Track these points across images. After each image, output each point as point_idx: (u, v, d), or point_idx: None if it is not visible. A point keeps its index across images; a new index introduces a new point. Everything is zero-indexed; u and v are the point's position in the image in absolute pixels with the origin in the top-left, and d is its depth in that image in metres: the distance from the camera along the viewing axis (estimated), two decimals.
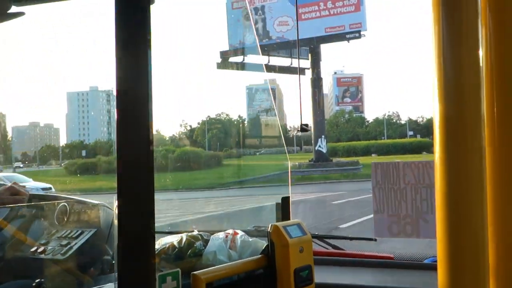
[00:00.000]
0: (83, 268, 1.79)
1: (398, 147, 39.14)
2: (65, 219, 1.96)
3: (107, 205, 1.97)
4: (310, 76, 29.34)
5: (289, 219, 1.60)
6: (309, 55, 29.50)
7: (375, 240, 2.08)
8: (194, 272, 1.18)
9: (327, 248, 2.16)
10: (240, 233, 1.53)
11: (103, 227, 1.87)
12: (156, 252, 1.38)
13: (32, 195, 2.17)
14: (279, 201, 1.60)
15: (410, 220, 2.01)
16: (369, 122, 62.95)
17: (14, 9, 1.61)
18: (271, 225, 1.34)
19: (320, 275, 1.50)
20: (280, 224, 1.34)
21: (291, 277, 1.28)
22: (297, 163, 28.18)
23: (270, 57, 28.98)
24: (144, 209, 1.02)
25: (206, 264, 1.38)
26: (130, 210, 1.02)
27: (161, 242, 1.50)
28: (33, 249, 1.85)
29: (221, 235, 1.52)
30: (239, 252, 1.44)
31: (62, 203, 2.02)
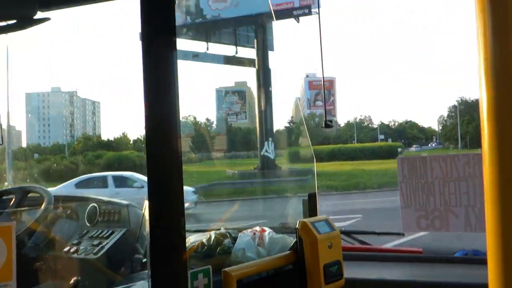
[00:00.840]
0: (114, 267, 1.83)
1: (367, 151, 36.53)
2: (96, 219, 2.00)
3: (135, 205, 2.00)
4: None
5: (316, 215, 1.60)
6: (255, 41, 23.45)
7: (403, 234, 2.07)
8: (225, 269, 1.19)
9: (353, 244, 2.15)
10: (267, 230, 1.54)
11: (133, 226, 1.91)
12: (186, 250, 1.40)
13: (62, 196, 2.22)
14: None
15: (439, 214, 1.99)
16: (341, 126, 61.37)
17: (40, 14, 1.65)
18: (299, 221, 1.34)
19: (349, 271, 1.50)
20: (308, 220, 1.35)
21: (321, 273, 1.29)
22: (236, 171, 24.06)
23: (210, 44, 23.07)
24: (175, 208, 1.04)
25: (235, 261, 1.39)
26: (161, 210, 1.04)
27: (190, 240, 1.52)
28: (66, 249, 1.90)
29: (248, 232, 1.53)
30: (267, 249, 1.45)
31: (92, 204, 2.06)
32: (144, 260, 1.77)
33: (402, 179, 2.04)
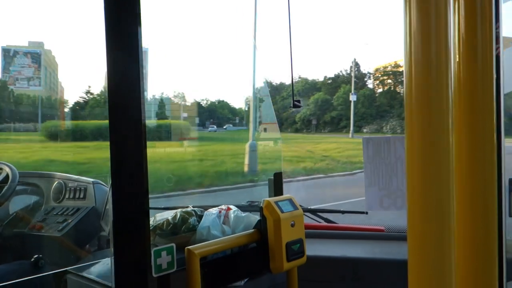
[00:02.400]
0: (80, 244, 1.83)
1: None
2: (62, 196, 1.99)
3: (101, 182, 1.99)
4: None
5: (281, 194, 1.63)
6: None
7: (367, 213, 2.12)
8: (189, 247, 1.21)
9: (319, 222, 2.20)
10: (233, 208, 1.56)
11: (98, 204, 1.90)
12: (151, 228, 1.41)
13: (28, 172, 2.19)
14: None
15: (401, 193, 2.05)
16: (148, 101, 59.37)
17: None
18: (264, 200, 1.37)
19: (312, 248, 1.54)
20: (272, 199, 1.37)
21: (283, 251, 1.32)
22: None
23: None
24: (138, 186, 1.05)
25: (200, 239, 1.41)
26: (124, 188, 1.04)
27: (156, 218, 1.53)
28: (30, 226, 1.88)
29: (214, 210, 1.55)
30: (233, 227, 1.47)
31: (58, 181, 2.04)
32: (109, 237, 1.77)
33: (367, 159, 2.08)
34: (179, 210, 1.54)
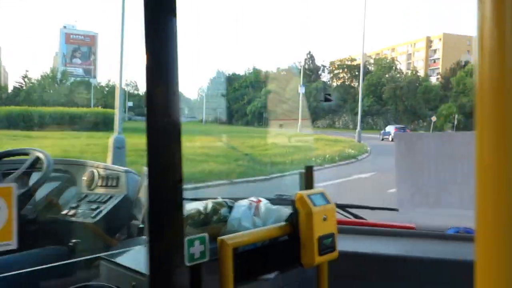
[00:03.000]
0: (111, 232, 1.86)
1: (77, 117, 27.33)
2: (94, 184, 2.02)
3: (133, 171, 2.02)
4: None
5: (312, 187, 1.62)
6: None
7: (397, 210, 2.09)
8: (221, 237, 1.21)
9: (348, 217, 2.18)
10: (263, 200, 1.56)
11: (130, 192, 1.92)
12: (183, 218, 1.42)
13: (60, 160, 2.23)
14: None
15: (433, 191, 2.01)
16: (100, 87, 51.00)
17: None
18: (296, 194, 1.36)
19: (342, 244, 1.53)
20: (304, 192, 1.36)
21: (315, 245, 1.31)
22: None
23: None
24: (173, 176, 1.05)
25: (231, 230, 1.41)
26: (160, 177, 1.05)
27: (187, 208, 1.54)
28: (64, 212, 1.92)
29: (245, 202, 1.55)
30: (263, 219, 1.47)
31: (90, 168, 2.07)
32: (141, 226, 1.80)
33: (399, 155, 2.05)
34: (210, 200, 1.55)
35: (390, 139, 29.35)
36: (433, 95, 49.51)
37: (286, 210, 1.47)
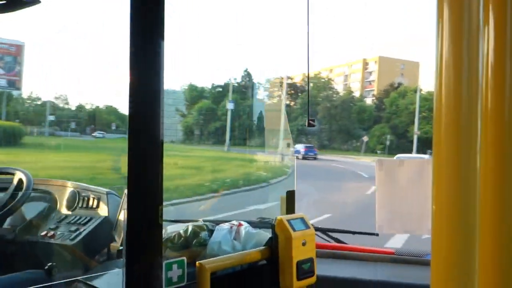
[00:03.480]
0: (90, 254, 1.83)
1: None
2: (75, 205, 2.00)
3: (115, 192, 2.01)
4: None
5: (293, 212, 1.63)
6: None
7: (377, 235, 2.11)
8: (200, 262, 1.21)
9: (329, 241, 2.19)
10: (244, 224, 1.57)
11: (111, 214, 1.91)
12: (163, 241, 1.41)
13: (41, 180, 2.21)
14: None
15: (413, 216, 2.04)
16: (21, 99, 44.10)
17: None
18: (276, 218, 1.37)
19: (322, 268, 1.54)
20: (284, 217, 1.37)
21: (293, 269, 1.32)
22: None
23: None
24: (153, 197, 1.06)
25: (211, 254, 1.41)
26: (139, 198, 1.05)
27: (167, 231, 1.53)
28: (43, 233, 1.89)
29: (226, 225, 1.55)
30: (243, 243, 1.47)
31: (71, 189, 2.06)
32: (120, 248, 1.78)
33: (380, 180, 2.08)
34: (191, 223, 1.55)
35: (301, 157, 28.97)
36: (367, 115, 49.95)
37: (266, 234, 1.47)
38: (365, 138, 41.96)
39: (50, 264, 1.59)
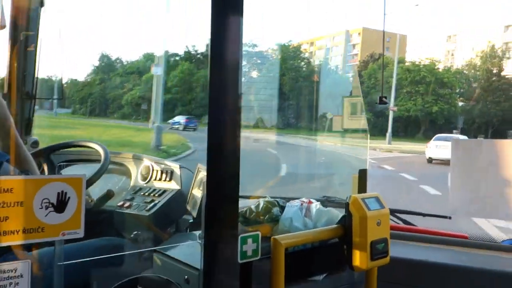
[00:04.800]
0: (164, 225, 1.90)
1: None
2: (149, 177, 2.08)
3: (187, 167, 2.06)
4: None
5: (365, 191, 1.60)
6: None
7: (450, 218, 2.03)
8: (275, 237, 1.22)
9: (398, 223, 2.14)
10: (314, 202, 1.56)
11: (184, 187, 1.96)
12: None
13: (117, 153, 2.31)
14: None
15: (490, 200, 1.94)
16: None
17: None
18: (350, 197, 1.35)
19: (392, 249, 1.50)
20: (359, 196, 1.35)
21: (368, 249, 1.29)
22: None
23: None
24: (230, 173, 1.07)
25: (282, 230, 1.42)
26: (217, 174, 1.07)
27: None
28: (119, 204, 1.98)
29: (296, 202, 1.55)
30: (314, 221, 1.46)
31: (146, 162, 2.13)
32: (191, 221, 1.83)
33: (456, 161, 1.99)
34: (262, 199, 1.56)
35: (182, 128, 27.56)
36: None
37: (337, 213, 1.46)
38: (330, 115, 34.17)
39: (135, 232, 1.67)
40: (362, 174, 1.57)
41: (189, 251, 1.50)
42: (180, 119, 30.64)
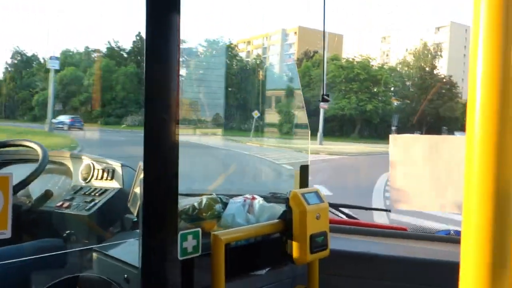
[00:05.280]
0: (105, 225, 1.86)
1: None
2: (90, 176, 2.02)
3: (128, 165, 2.02)
4: None
5: (307, 186, 1.63)
6: None
7: (389, 211, 2.11)
8: (215, 232, 1.22)
9: (341, 217, 2.20)
10: (257, 198, 1.57)
11: (126, 186, 1.93)
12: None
13: (56, 152, 2.24)
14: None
15: (426, 193, 2.03)
16: None
17: None
18: (290, 192, 1.37)
19: (335, 243, 1.54)
20: (298, 191, 1.37)
21: (307, 242, 1.32)
22: None
23: None
24: (169, 170, 1.06)
25: (225, 225, 1.43)
26: (155, 171, 1.06)
27: (181, 203, 1.54)
28: (58, 204, 1.92)
29: (239, 199, 1.56)
30: (257, 216, 1.48)
31: (86, 161, 2.08)
32: (135, 219, 1.80)
33: (393, 156, 2.07)
34: (205, 196, 1.56)
35: (67, 128, 26.29)
36: None
37: (280, 208, 1.48)
38: (255, 113, 28.18)
39: (68, 232, 1.62)
40: (304, 169, 1.60)
41: (129, 249, 1.48)
42: (65, 119, 28.60)
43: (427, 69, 49.31)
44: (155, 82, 1.03)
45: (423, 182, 2.02)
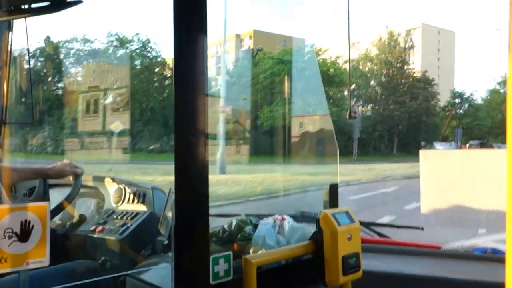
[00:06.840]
0: (137, 248, 1.88)
1: None
2: (122, 200, 2.06)
3: (159, 188, 2.05)
4: None
5: (337, 206, 1.62)
6: None
7: (422, 229, 2.07)
8: (246, 256, 1.22)
9: (373, 236, 2.16)
10: (287, 218, 1.56)
11: (157, 209, 1.95)
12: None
13: (88, 176, 2.28)
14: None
15: (459, 209, 1.98)
16: None
17: None
18: (321, 212, 1.36)
19: (367, 263, 1.52)
20: (329, 211, 1.36)
21: (339, 264, 1.30)
22: None
23: None
24: (200, 194, 1.07)
25: (255, 248, 1.42)
26: (186, 195, 1.07)
27: (211, 225, 1.55)
28: (91, 228, 1.95)
29: (269, 219, 1.55)
30: (287, 237, 1.47)
31: (118, 185, 2.11)
32: (166, 242, 1.82)
33: (425, 173, 2.03)
34: (235, 218, 1.56)
35: None
36: None
37: (310, 229, 1.47)
38: (116, 127, 16.95)
39: (103, 258, 1.64)
40: (333, 188, 1.58)
41: (161, 273, 1.49)
42: None
43: (395, 63, 40.83)
44: (184, 106, 1.05)
45: (457, 198, 1.97)
